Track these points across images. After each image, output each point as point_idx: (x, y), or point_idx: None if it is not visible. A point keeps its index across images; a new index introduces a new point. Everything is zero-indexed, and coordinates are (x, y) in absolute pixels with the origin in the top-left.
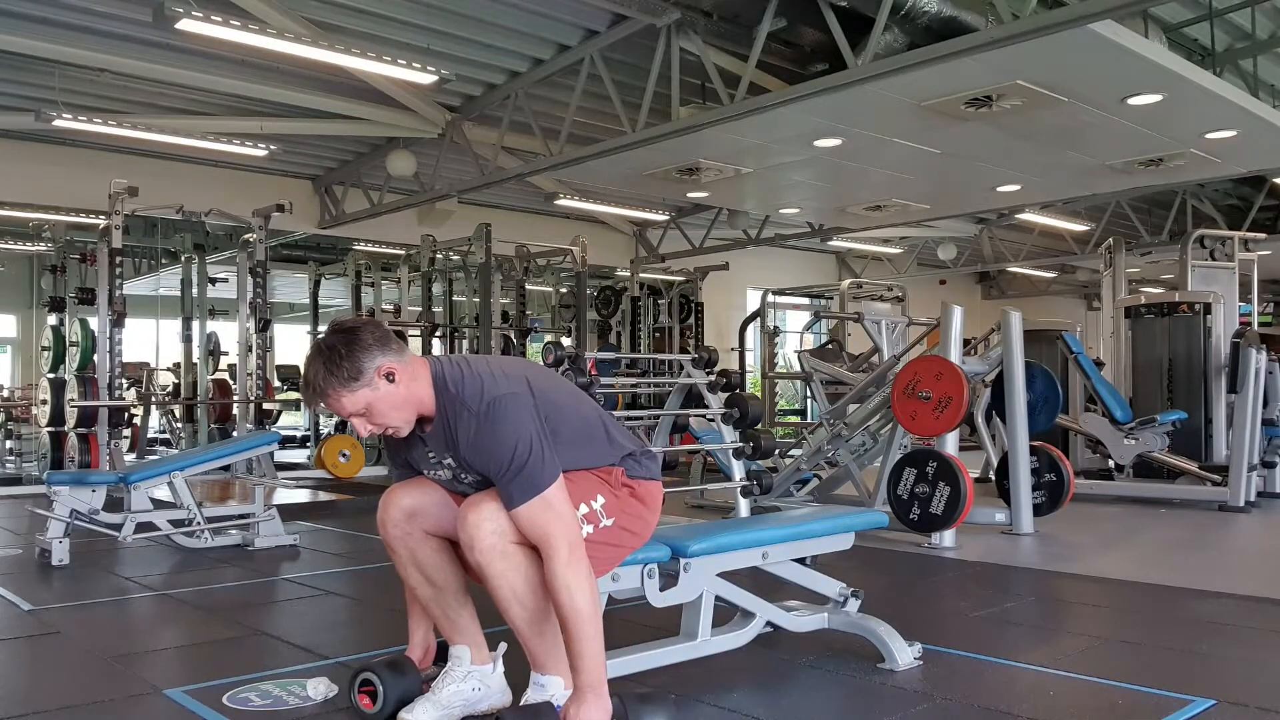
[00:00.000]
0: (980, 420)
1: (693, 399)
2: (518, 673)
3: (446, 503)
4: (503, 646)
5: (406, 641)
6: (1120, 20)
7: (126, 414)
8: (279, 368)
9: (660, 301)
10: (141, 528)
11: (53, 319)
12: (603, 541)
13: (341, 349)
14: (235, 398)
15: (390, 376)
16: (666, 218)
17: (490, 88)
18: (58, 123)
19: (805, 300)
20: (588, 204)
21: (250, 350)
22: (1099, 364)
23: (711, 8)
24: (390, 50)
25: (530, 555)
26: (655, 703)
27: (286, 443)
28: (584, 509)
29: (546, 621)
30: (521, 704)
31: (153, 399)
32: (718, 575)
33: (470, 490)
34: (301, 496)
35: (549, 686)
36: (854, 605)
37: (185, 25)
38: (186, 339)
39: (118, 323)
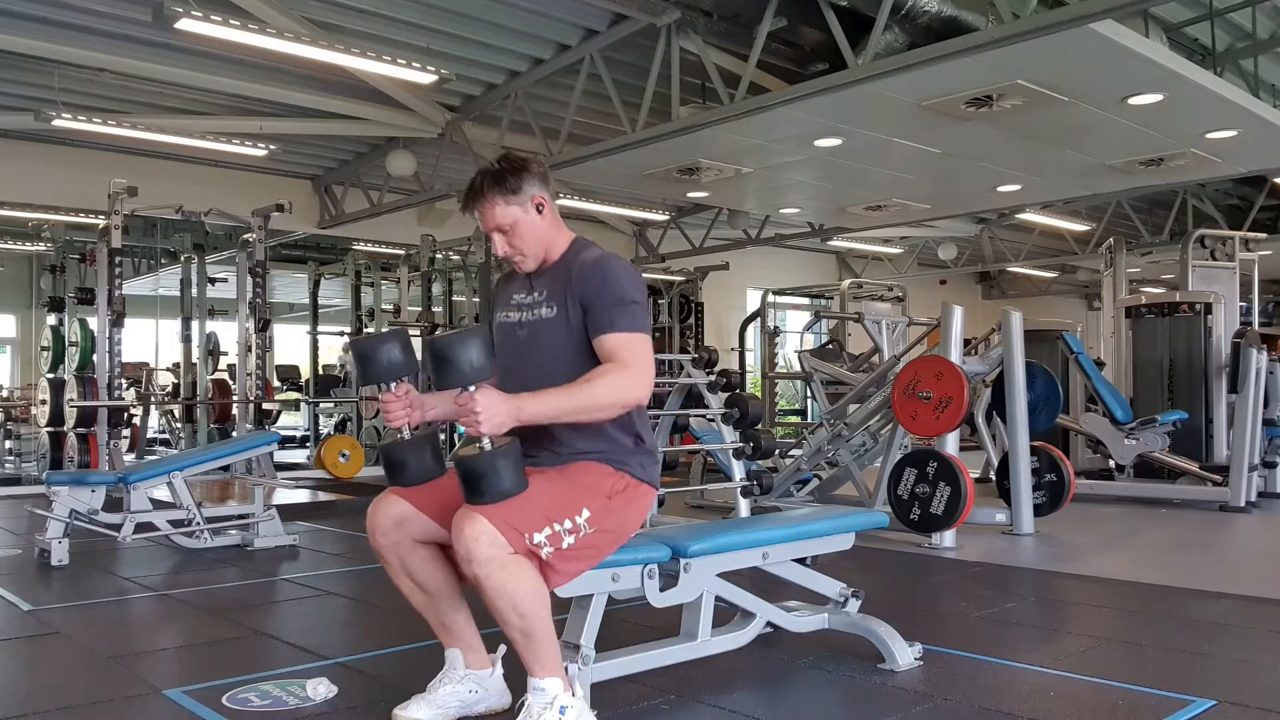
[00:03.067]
0: (980, 420)
1: (693, 399)
2: (518, 676)
3: (435, 510)
4: (502, 649)
5: (407, 641)
6: (1120, 20)
7: (126, 414)
8: (278, 368)
9: (660, 301)
10: (141, 528)
11: (52, 319)
12: (578, 550)
13: (510, 167)
14: (235, 398)
15: (540, 208)
16: (666, 218)
17: (490, 87)
18: (57, 122)
19: (805, 300)
20: (588, 204)
21: (250, 350)
22: (1099, 364)
23: (711, 7)
24: (390, 50)
25: (529, 567)
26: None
27: (286, 443)
28: (568, 524)
29: (544, 629)
30: (519, 705)
31: (152, 399)
32: (718, 575)
33: (524, 342)
34: (301, 496)
35: (549, 689)
36: (854, 605)
37: (185, 25)
38: (186, 339)
39: (117, 323)
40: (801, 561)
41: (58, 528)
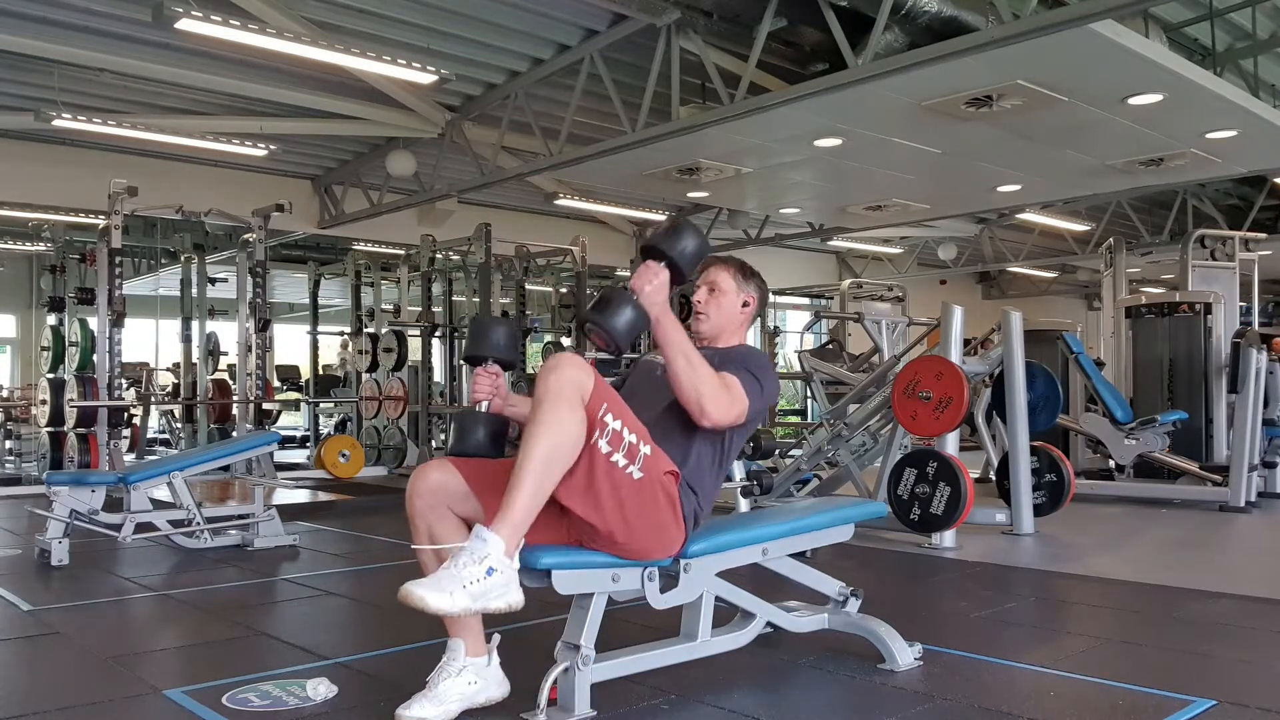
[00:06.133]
0: (980, 420)
1: None
2: (513, 668)
3: (480, 486)
4: (496, 638)
5: (407, 641)
6: (1120, 20)
7: (126, 414)
8: (278, 368)
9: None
10: (141, 528)
11: (52, 319)
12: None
13: (752, 270)
14: (235, 398)
15: (746, 305)
16: (666, 217)
17: (490, 87)
18: (57, 123)
19: (805, 300)
20: (588, 204)
21: (250, 350)
22: (1099, 364)
23: (711, 8)
24: (390, 50)
25: (583, 424)
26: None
27: (286, 443)
28: (632, 437)
29: (543, 483)
30: (455, 554)
31: (152, 399)
32: (717, 575)
33: (658, 380)
34: (301, 496)
35: (489, 543)
36: (854, 605)
37: (185, 25)
38: (186, 339)
39: (117, 323)
40: (801, 555)
41: (58, 528)
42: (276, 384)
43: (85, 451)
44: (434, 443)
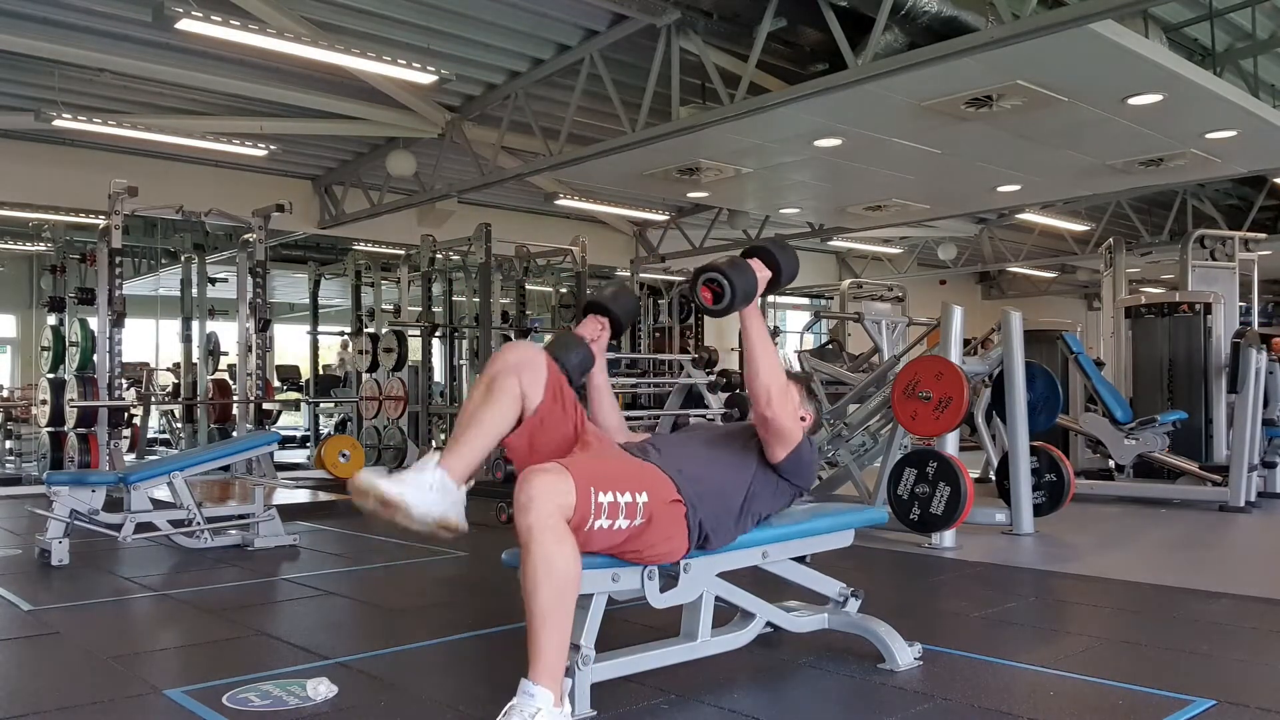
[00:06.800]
0: (980, 420)
1: (693, 399)
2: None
3: (544, 380)
4: (471, 482)
5: (407, 641)
6: (1120, 20)
7: (126, 414)
8: (279, 368)
9: (660, 301)
10: (141, 528)
11: (52, 319)
12: (628, 538)
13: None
14: (235, 398)
15: (803, 419)
16: (666, 218)
17: (490, 88)
18: (57, 123)
19: (805, 300)
20: (588, 204)
21: (250, 350)
22: (1099, 364)
23: (711, 8)
24: (390, 50)
25: (575, 547)
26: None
27: (286, 443)
28: (627, 497)
29: (562, 620)
30: (506, 711)
31: (152, 399)
32: (717, 575)
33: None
34: (301, 496)
35: (537, 699)
36: (854, 605)
37: (185, 25)
38: (186, 339)
39: (117, 323)
40: (800, 560)
41: (58, 528)
42: (277, 384)
43: (85, 451)
44: (434, 443)
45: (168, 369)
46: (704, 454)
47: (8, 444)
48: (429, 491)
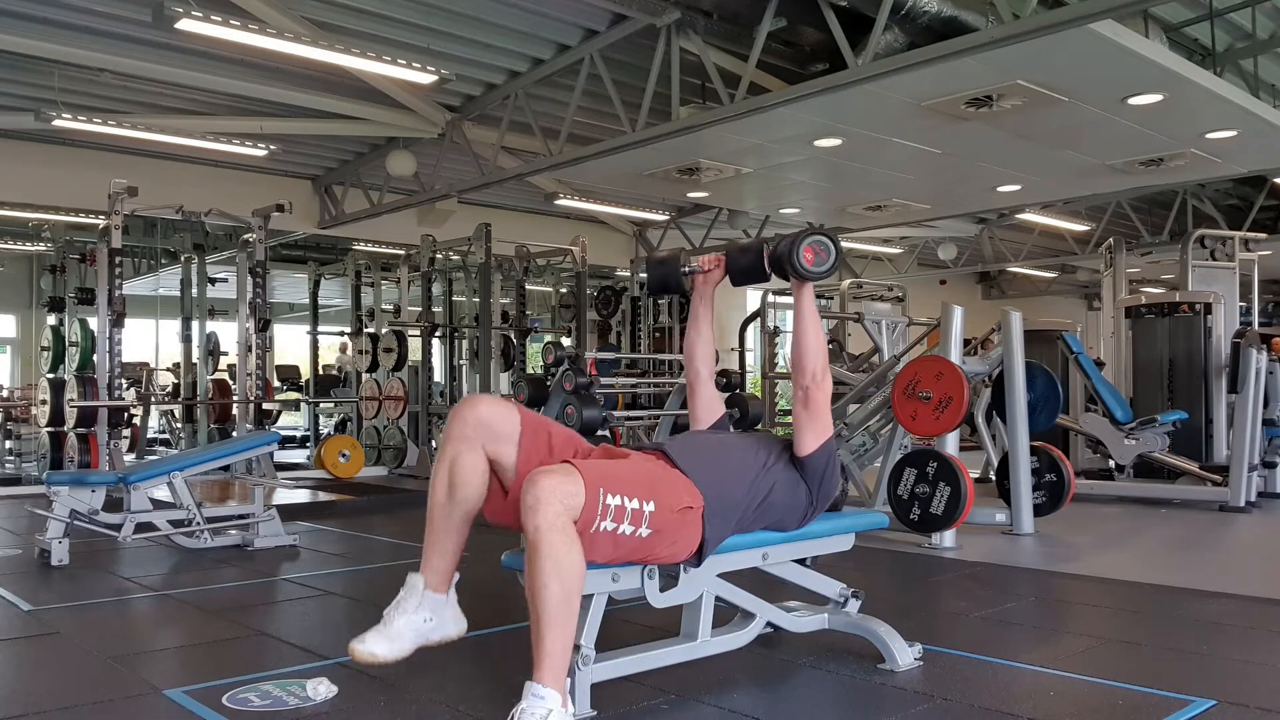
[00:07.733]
0: (980, 420)
1: None
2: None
3: (529, 445)
4: (456, 576)
5: None
6: (1120, 20)
7: (126, 414)
8: (279, 368)
9: (660, 302)
10: (141, 528)
11: (52, 319)
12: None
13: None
14: (235, 398)
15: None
16: (666, 218)
17: (490, 88)
18: (57, 123)
19: None
20: (588, 204)
21: (250, 350)
22: (1099, 364)
23: (711, 8)
24: (390, 50)
25: (581, 549)
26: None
27: (286, 443)
28: (634, 503)
29: (567, 621)
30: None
31: (152, 399)
32: (718, 576)
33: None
34: (301, 496)
35: (547, 701)
36: (854, 606)
37: (185, 25)
38: (186, 339)
39: (117, 323)
40: (801, 562)
41: (58, 528)
42: (276, 384)
43: (85, 451)
44: (434, 443)
45: (168, 369)
46: (723, 457)
47: (8, 444)
48: (424, 624)
